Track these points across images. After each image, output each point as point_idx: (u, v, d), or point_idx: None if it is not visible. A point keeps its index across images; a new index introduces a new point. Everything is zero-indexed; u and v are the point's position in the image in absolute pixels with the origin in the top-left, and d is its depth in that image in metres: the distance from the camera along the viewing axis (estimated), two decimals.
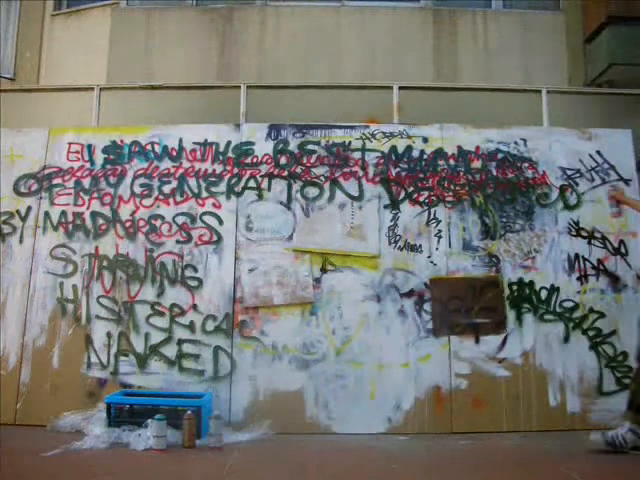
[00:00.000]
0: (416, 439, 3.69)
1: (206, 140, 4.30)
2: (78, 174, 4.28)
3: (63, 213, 4.18)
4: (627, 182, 4.27)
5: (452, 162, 4.26)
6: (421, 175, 4.23)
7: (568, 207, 4.21)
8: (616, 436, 3.21)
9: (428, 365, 3.92)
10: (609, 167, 4.29)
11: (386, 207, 4.17)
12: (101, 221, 4.18)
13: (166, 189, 4.23)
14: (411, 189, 4.20)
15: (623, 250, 4.14)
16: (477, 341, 3.96)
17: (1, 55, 6.54)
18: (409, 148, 4.28)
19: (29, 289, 4.07)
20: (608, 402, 3.88)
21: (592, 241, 4.15)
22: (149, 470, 2.98)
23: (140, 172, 4.26)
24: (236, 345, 3.95)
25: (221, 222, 4.15)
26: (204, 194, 4.21)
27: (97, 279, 4.08)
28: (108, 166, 4.28)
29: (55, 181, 4.28)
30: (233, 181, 4.22)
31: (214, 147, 4.29)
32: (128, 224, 4.17)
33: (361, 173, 4.22)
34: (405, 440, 3.68)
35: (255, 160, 4.26)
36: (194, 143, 4.29)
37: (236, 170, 4.25)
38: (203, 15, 6.35)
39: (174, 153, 4.25)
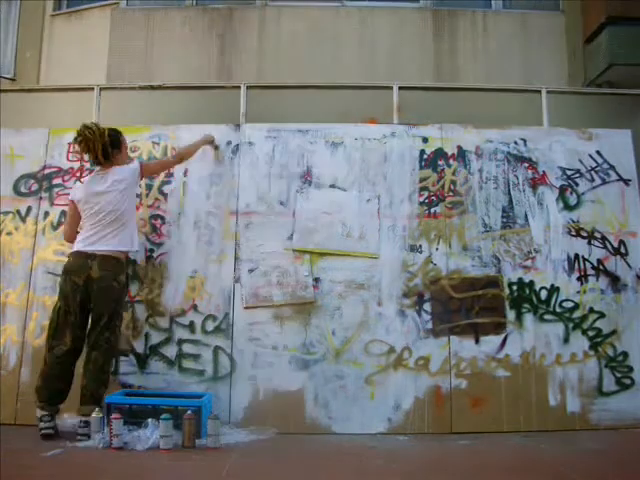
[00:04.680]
0: (416, 439, 3.69)
1: None
2: (78, 174, 4.28)
3: (63, 213, 4.18)
4: (627, 182, 4.27)
5: (452, 162, 4.26)
6: (421, 175, 4.23)
7: (568, 207, 4.21)
8: None
9: (428, 365, 3.92)
10: (609, 167, 4.29)
11: (386, 207, 4.17)
12: None
13: (166, 189, 4.23)
14: (411, 189, 4.20)
15: (623, 250, 4.15)
16: (477, 341, 3.96)
17: (1, 55, 6.55)
18: (409, 148, 4.28)
19: (29, 289, 4.07)
20: (608, 402, 3.89)
21: (592, 241, 4.15)
22: (149, 470, 2.98)
23: None
24: (236, 345, 3.95)
25: (221, 222, 4.15)
26: (204, 194, 4.20)
27: None
28: None
29: (55, 181, 4.28)
30: (233, 181, 4.22)
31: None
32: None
33: (362, 173, 4.22)
34: (405, 440, 3.68)
35: (255, 160, 4.26)
36: None
37: (236, 170, 4.25)
38: (203, 15, 6.36)
39: (174, 153, 4.25)
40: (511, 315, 4.01)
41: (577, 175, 4.27)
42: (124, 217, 3.65)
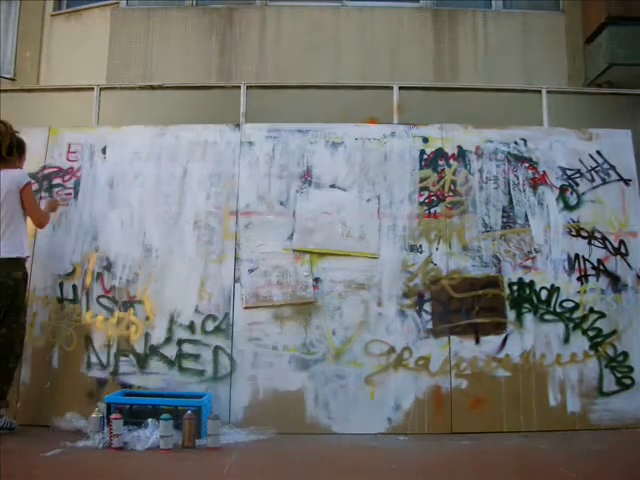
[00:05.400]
0: (416, 439, 3.69)
1: (206, 140, 4.30)
2: (78, 174, 4.27)
3: (63, 213, 4.18)
4: (627, 182, 4.27)
5: (452, 162, 4.26)
6: (421, 175, 4.23)
7: (568, 207, 4.21)
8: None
9: (428, 365, 3.92)
10: (609, 167, 4.29)
11: (386, 207, 4.17)
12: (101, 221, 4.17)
13: (166, 189, 4.22)
14: (411, 189, 4.20)
15: (623, 250, 4.14)
16: (477, 341, 3.96)
17: (1, 55, 6.55)
18: (409, 148, 4.28)
19: (29, 289, 4.06)
20: (608, 402, 3.89)
21: (592, 241, 4.15)
22: (149, 470, 2.98)
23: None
24: (236, 345, 3.95)
25: (221, 222, 4.15)
26: (204, 194, 4.20)
27: (97, 279, 4.07)
28: None
29: (55, 181, 4.27)
30: (233, 181, 4.22)
31: (214, 147, 4.28)
32: (128, 224, 4.17)
33: (362, 173, 4.22)
34: (405, 440, 3.68)
35: (255, 160, 4.26)
36: (194, 143, 4.29)
37: (236, 170, 4.25)
38: (203, 15, 6.36)
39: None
40: (511, 315, 4.01)
41: (577, 175, 4.27)
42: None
